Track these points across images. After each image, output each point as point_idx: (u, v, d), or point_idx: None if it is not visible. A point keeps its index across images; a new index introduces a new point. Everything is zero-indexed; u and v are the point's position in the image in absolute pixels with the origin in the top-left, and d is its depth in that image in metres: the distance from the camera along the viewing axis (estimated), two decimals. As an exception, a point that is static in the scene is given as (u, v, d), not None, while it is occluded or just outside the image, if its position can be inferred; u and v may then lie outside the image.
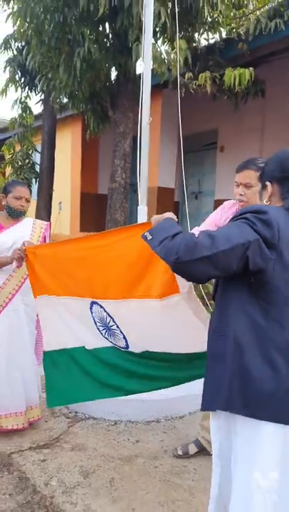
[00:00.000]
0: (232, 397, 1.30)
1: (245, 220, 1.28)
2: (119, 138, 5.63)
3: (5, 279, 2.70)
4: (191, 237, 1.28)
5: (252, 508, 1.28)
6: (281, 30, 4.73)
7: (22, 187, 2.80)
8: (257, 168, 2.19)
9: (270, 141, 8.46)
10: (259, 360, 1.27)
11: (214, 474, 1.51)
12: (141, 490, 2.31)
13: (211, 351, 1.44)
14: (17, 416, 2.75)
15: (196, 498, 2.25)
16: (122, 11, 4.60)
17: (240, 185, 2.27)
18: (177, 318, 2.06)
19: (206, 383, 1.44)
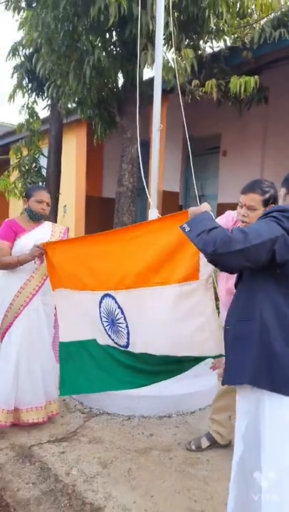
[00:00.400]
0: (258, 372, 1.45)
1: (273, 218, 1.43)
2: (126, 143, 5.76)
3: (26, 280, 2.83)
4: (226, 233, 1.45)
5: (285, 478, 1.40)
6: (285, 39, 4.88)
7: (43, 191, 2.94)
8: (262, 192, 2.26)
9: (272, 147, 8.61)
10: (282, 343, 1.41)
11: (236, 453, 1.63)
12: (157, 479, 2.43)
13: (234, 333, 1.58)
14: (37, 410, 2.87)
15: (210, 486, 2.38)
16: (131, 21, 4.75)
17: (243, 207, 2.31)
18: (189, 306, 2.10)
19: (229, 361, 1.59)
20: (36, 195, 2.86)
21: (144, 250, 2.20)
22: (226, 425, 2.77)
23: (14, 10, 5.64)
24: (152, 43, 5.03)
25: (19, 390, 2.84)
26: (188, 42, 5.45)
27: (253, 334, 1.47)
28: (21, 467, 2.56)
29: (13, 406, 2.83)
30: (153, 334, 2.25)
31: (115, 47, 5.36)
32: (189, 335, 2.14)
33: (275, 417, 1.45)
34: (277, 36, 4.88)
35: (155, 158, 3.78)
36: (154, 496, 2.28)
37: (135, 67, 5.48)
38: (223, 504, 2.18)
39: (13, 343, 2.84)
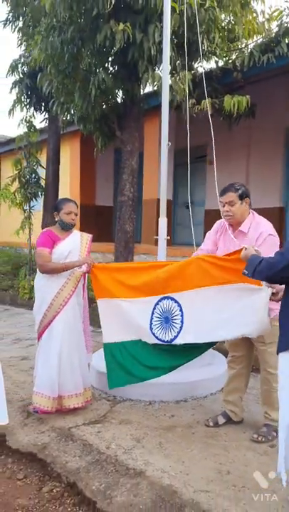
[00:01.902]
0: None
1: None
2: (126, 156, 6.20)
3: (64, 283, 3.22)
4: (268, 259, 2.02)
5: None
6: (272, 62, 5.43)
7: (71, 203, 3.34)
8: (235, 190, 2.94)
9: (256, 156, 9.18)
10: None
11: (284, 400, 2.07)
12: (185, 449, 2.85)
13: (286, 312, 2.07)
14: (77, 396, 3.26)
15: (230, 453, 2.81)
16: (133, 45, 5.19)
17: (225, 204, 2.96)
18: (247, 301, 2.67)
19: (283, 333, 2.06)
20: (65, 207, 3.27)
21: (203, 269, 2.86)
22: (239, 405, 3.21)
23: (24, 36, 6.02)
24: (152, 66, 5.52)
25: (62, 379, 3.22)
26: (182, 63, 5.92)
27: None
28: (65, 445, 2.94)
29: (57, 393, 3.20)
30: (203, 326, 2.77)
31: (118, 68, 5.79)
32: (237, 322, 2.68)
33: None
34: (265, 60, 5.42)
35: (163, 171, 4.19)
36: (185, 462, 2.69)
37: (134, 85, 5.97)
38: (244, 465, 2.65)
39: (55, 337, 3.21)
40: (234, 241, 2.96)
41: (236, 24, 5.84)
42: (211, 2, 5.08)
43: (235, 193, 2.92)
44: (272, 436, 2.93)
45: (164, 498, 2.35)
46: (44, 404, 3.21)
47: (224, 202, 2.96)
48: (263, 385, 3.03)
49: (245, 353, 3.12)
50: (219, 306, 2.77)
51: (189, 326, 2.86)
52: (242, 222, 2.96)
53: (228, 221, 3.01)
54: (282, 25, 5.55)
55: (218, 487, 2.43)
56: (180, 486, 2.43)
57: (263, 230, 2.86)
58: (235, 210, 2.92)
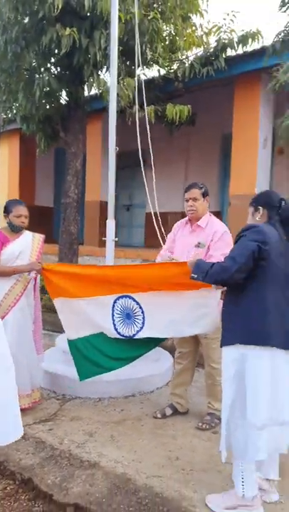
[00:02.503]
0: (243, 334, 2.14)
1: (245, 236, 2.12)
2: (71, 157, 6.26)
3: (13, 283, 3.23)
4: (221, 264, 2.19)
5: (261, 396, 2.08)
6: (211, 75, 5.76)
7: (21, 206, 3.35)
8: (200, 188, 3.22)
9: (194, 162, 9.59)
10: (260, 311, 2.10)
11: (228, 390, 2.23)
12: (136, 439, 3.01)
13: (229, 308, 2.27)
14: (23, 397, 3.28)
15: (178, 441, 3.01)
16: (79, 50, 5.27)
17: (189, 200, 3.22)
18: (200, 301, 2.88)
19: (226, 328, 2.26)
20: (15, 211, 3.27)
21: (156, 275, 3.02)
22: (184, 397, 3.43)
23: None
24: (97, 71, 5.64)
25: (33, 376, 3.27)
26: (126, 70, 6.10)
27: (240, 310, 2.18)
28: (17, 443, 2.95)
29: (30, 390, 3.25)
30: (162, 325, 2.97)
31: (63, 70, 5.83)
32: (194, 321, 2.89)
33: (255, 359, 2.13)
34: (205, 73, 5.74)
35: (111, 175, 4.32)
36: (136, 451, 2.85)
37: (79, 88, 6.05)
38: (191, 451, 2.87)
39: (1, 338, 3.22)
40: (192, 234, 3.23)
41: (177, 36, 6.13)
42: (155, 14, 5.30)
43: (199, 190, 3.20)
44: (215, 424, 3.17)
45: (118, 485, 2.48)
46: None
47: (189, 197, 3.21)
48: (207, 379, 3.27)
49: (192, 349, 3.35)
50: (176, 306, 2.95)
51: (151, 321, 3.01)
52: (200, 219, 3.22)
53: (190, 215, 3.26)
54: (221, 41, 5.91)
55: (168, 472, 2.61)
56: (133, 474, 2.58)
57: (218, 228, 3.13)
58: (198, 206, 3.19)
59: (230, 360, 2.24)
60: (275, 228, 2.22)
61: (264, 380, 2.09)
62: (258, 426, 2.09)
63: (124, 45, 5.66)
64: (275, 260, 2.14)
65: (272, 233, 2.18)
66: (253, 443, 2.12)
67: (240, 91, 6.55)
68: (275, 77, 4.55)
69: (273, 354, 2.11)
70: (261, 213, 2.32)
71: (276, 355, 2.11)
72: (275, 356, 2.11)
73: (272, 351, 2.10)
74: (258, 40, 5.73)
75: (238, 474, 2.22)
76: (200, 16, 6.28)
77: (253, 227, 2.19)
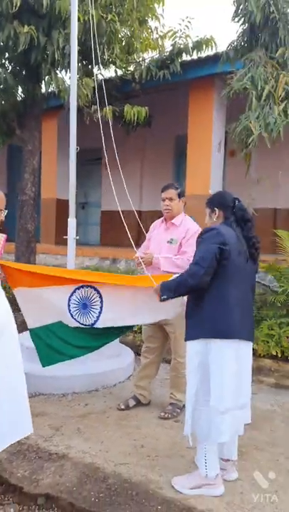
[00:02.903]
0: (208, 329, 2.28)
1: (205, 240, 2.30)
2: (28, 155, 6.22)
3: None
4: (188, 272, 2.32)
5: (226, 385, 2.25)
6: (167, 78, 5.95)
7: None
8: (175, 188, 3.41)
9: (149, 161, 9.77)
10: (223, 307, 2.26)
11: (192, 380, 2.38)
12: (102, 431, 3.11)
13: (193, 305, 2.39)
14: None
15: (142, 430, 3.15)
16: (37, 48, 5.26)
17: (166, 200, 3.40)
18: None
19: (190, 325, 2.38)
20: None
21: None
22: (148, 389, 3.58)
23: None
24: (55, 69, 5.65)
25: None
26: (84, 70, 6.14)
27: (204, 305, 2.32)
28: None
29: None
30: (122, 312, 3.04)
31: (19, 67, 5.79)
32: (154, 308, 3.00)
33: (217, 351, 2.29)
34: (161, 76, 5.92)
35: (72, 173, 4.36)
36: (103, 442, 2.95)
37: (36, 86, 6.02)
38: (155, 439, 3.02)
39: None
40: (166, 231, 3.42)
41: (134, 38, 6.25)
42: (112, 16, 5.39)
43: (175, 191, 3.37)
44: (176, 413, 3.35)
45: (88, 474, 2.58)
46: None
47: (165, 197, 3.38)
48: (172, 371, 3.44)
49: (159, 344, 3.51)
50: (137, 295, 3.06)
51: (108, 312, 3.08)
52: (175, 217, 3.39)
53: (166, 214, 3.44)
54: (176, 45, 6.10)
55: (135, 459, 2.74)
56: (102, 462, 2.69)
57: (190, 227, 3.32)
58: (173, 206, 3.37)
59: (194, 352, 2.39)
60: (232, 228, 2.39)
61: (229, 369, 2.27)
62: (221, 411, 2.27)
63: (81, 45, 5.69)
64: (235, 259, 2.31)
65: (229, 233, 2.34)
66: (216, 427, 2.29)
67: (194, 95, 6.79)
68: (229, 85, 4.78)
69: (238, 345, 2.29)
70: (217, 214, 2.48)
71: (240, 345, 2.30)
72: (239, 347, 2.30)
73: (237, 343, 2.29)
74: (212, 47, 5.97)
75: (202, 456, 2.39)
76: (156, 19, 6.44)
77: (211, 230, 2.34)
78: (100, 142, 5.55)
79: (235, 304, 2.31)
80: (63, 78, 5.86)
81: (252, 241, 2.40)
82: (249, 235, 2.40)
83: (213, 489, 2.37)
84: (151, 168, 9.70)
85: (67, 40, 4.91)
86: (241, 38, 5.06)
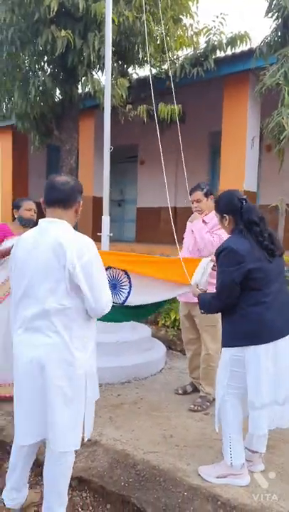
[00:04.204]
0: (243, 338, 2.33)
1: (222, 262, 2.34)
2: (65, 155, 6.43)
3: (7, 276, 3.37)
4: (213, 302, 2.43)
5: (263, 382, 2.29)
6: (201, 75, 5.97)
7: (30, 201, 3.56)
8: (201, 189, 3.51)
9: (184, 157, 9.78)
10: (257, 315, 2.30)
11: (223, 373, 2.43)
12: (133, 420, 3.23)
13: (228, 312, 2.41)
14: (10, 386, 3.37)
15: (172, 421, 3.24)
16: (73, 51, 5.44)
17: (194, 202, 3.52)
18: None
19: (225, 332, 2.44)
20: (25, 205, 3.47)
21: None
22: None
23: None
24: (91, 71, 5.81)
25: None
26: (119, 70, 6.28)
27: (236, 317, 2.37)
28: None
29: None
30: (149, 293, 3.22)
31: (57, 70, 5.99)
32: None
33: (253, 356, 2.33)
34: (195, 73, 5.95)
35: (106, 172, 4.49)
36: (134, 431, 3.07)
37: (73, 88, 6.22)
38: (185, 430, 3.10)
39: None
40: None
41: (168, 37, 6.31)
42: (147, 16, 5.48)
43: (201, 192, 3.47)
44: (206, 406, 3.42)
45: (118, 460, 2.71)
46: None
47: (193, 200, 3.50)
48: (202, 363, 3.52)
49: (198, 336, 3.59)
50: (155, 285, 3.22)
51: (136, 293, 3.22)
52: (206, 215, 3.50)
53: (199, 213, 3.56)
54: (210, 42, 6.12)
55: (163, 448, 2.84)
56: (131, 450, 2.80)
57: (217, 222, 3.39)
58: (202, 206, 3.49)
59: (228, 354, 2.43)
60: (243, 236, 2.35)
61: (265, 367, 2.29)
62: (257, 406, 2.31)
63: (116, 46, 5.84)
64: (258, 266, 2.29)
65: (244, 245, 2.30)
66: (252, 421, 2.34)
67: (228, 91, 6.77)
68: (261, 81, 4.76)
69: (274, 343, 2.31)
70: (228, 220, 2.46)
71: (277, 343, 2.32)
72: (276, 345, 2.32)
73: (273, 342, 2.31)
74: (246, 42, 5.94)
75: (227, 446, 2.45)
76: (190, 17, 6.47)
77: (224, 249, 2.33)
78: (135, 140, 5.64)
79: (268, 307, 2.30)
80: (99, 79, 6.03)
81: (264, 243, 2.33)
82: (259, 239, 2.33)
83: (238, 479, 2.43)
84: (187, 164, 9.70)
85: (103, 42, 5.05)
86: (275, 34, 5.02)
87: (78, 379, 2.05)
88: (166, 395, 3.74)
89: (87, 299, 1.99)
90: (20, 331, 2.08)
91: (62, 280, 1.96)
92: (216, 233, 3.34)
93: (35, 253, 2.02)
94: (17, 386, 2.13)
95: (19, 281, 2.07)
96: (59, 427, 2.02)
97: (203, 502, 2.31)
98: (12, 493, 2.30)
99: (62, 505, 2.15)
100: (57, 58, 5.76)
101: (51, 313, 1.98)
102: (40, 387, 2.01)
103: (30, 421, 2.07)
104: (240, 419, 2.46)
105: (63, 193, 2.12)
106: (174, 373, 4.27)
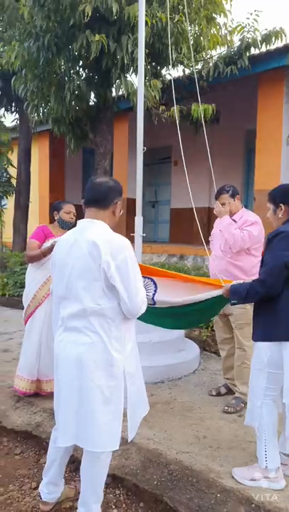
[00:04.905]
0: (283, 332, 2.29)
1: (274, 246, 2.30)
2: (100, 157, 6.52)
3: (48, 276, 3.47)
4: (258, 280, 2.35)
5: None
6: (235, 74, 5.91)
7: (70, 204, 3.64)
8: (226, 191, 3.53)
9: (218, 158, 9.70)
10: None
11: (260, 376, 2.40)
12: (166, 421, 3.24)
13: (264, 305, 2.38)
14: (27, 382, 3.50)
15: (205, 422, 3.22)
16: (107, 54, 5.51)
17: (222, 205, 3.53)
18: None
19: (260, 325, 2.39)
20: (65, 207, 3.55)
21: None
22: None
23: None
24: (124, 73, 5.86)
25: (41, 364, 3.47)
26: (152, 72, 6.30)
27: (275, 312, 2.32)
28: (58, 422, 3.25)
29: (36, 377, 3.48)
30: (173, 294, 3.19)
31: (91, 74, 6.09)
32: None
33: None
34: (229, 72, 5.89)
35: (139, 172, 4.51)
36: (166, 430, 3.08)
37: (107, 91, 6.29)
38: (218, 431, 3.07)
39: (36, 326, 3.48)
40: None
41: (202, 36, 6.28)
42: (180, 17, 5.48)
43: (227, 194, 3.51)
44: (240, 407, 3.38)
45: (151, 459, 2.72)
46: (23, 386, 3.50)
47: (220, 202, 3.51)
48: (236, 361, 3.49)
49: (232, 335, 3.57)
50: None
51: (161, 291, 3.21)
52: (235, 214, 3.52)
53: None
54: (244, 40, 6.04)
55: (196, 448, 2.83)
56: (164, 449, 2.81)
57: (247, 218, 3.44)
58: (231, 206, 3.52)
59: (263, 351, 2.39)
60: None
61: None
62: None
63: (149, 48, 5.87)
64: None
65: None
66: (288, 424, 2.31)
67: (263, 88, 6.66)
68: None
69: None
70: (283, 209, 2.43)
71: None
72: None
73: None
74: (282, 39, 5.83)
75: (262, 449, 2.42)
76: (224, 16, 6.42)
77: (280, 233, 2.31)
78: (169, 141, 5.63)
79: None
80: (132, 81, 6.08)
81: None
82: None
83: (273, 483, 2.39)
84: (221, 164, 9.63)
85: (136, 44, 5.09)
86: (312, 28, 4.89)
87: (117, 379, 2.06)
88: (199, 396, 3.72)
89: (122, 299, 2.00)
90: (60, 330, 2.13)
91: (99, 280, 1.98)
92: (246, 229, 3.33)
93: (73, 253, 2.06)
94: (56, 386, 2.17)
95: (59, 281, 2.12)
96: (97, 427, 2.04)
97: (237, 504, 2.28)
98: (49, 487, 2.35)
99: (97, 502, 2.19)
100: (91, 62, 5.86)
101: (89, 313, 2.01)
102: (79, 387, 2.04)
103: (69, 423, 2.09)
104: (275, 423, 2.43)
105: (99, 193, 2.14)
106: (207, 374, 4.25)
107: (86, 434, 2.06)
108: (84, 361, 2.01)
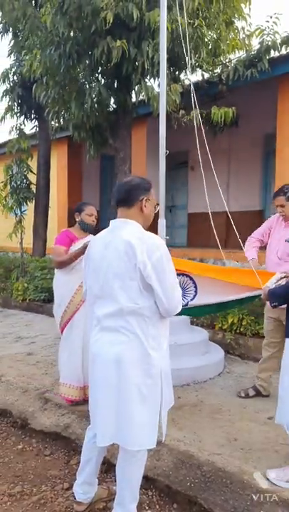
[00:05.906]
0: None
1: None
2: (120, 162, 6.57)
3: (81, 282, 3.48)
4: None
5: None
6: (255, 77, 5.91)
7: (92, 206, 3.63)
8: (284, 193, 3.44)
9: (235, 161, 9.70)
10: None
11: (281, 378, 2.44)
12: (195, 422, 3.22)
13: None
14: (76, 389, 3.50)
15: (235, 424, 3.20)
16: (128, 60, 5.56)
17: (278, 207, 3.51)
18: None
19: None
20: (87, 209, 3.56)
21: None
22: (268, 381, 3.66)
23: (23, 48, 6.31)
24: (144, 78, 5.91)
25: (85, 370, 3.39)
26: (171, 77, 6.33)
27: None
28: (87, 424, 3.18)
29: (83, 383, 3.46)
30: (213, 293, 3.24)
31: (111, 80, 6.15)
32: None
33: None
34: (249, 75, 5.90)
35: (162, 176, 4.54)
36: (196, 432, 3.06)
37: (127, 96, 6.35)
38: (248, 433, 3.04)
39: (77, 332, 3.45)
40: (285, 230, 3.52)
41: (221, 40, 6.31)
42: (199, 21, 5.51)
43: (283, 196, 3.44)
44: (269, 410, 3.34)
45: (183, 460, 2.71)
46: (72, 394, 3.48)
47: (276, 205, 3.50)
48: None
49: (280, 340, 3.52)
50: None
51: (201, 292, 3.23)
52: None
53: (283, 217, 3.56)
54: (264, 43, 6.05)
55: (228, 450, 2.81)
56: (195, 451, 2.79)
57: None
58: (286, 210, 3.48)
59: None
60: None
61: None
62: None
63: (169, 53, 5.90)
64: None
65: None
66: None
67: (283, 91, 6.64)
68: None
69: None
70: None
71: None
72: None
73: None
74: (302, 41, 5.82)
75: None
76: (243, 19, 6.44)
77: None
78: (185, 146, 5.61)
79: None
80: (152, 86, 6.12)
81: None
82: None
83: (309, 485, 2.36)
84: (239, 168, 9.62)
85: (156, 49, 5.13)
86: None
87: (154, 377, 2.06)
88: (226, 398, 3.70)
89: (159, 298, 2.00)
90: (96, 330, 2.15)
91: (135, 279, 1.99)
92: None
93: (108, 253, 2.07)
94: (93, 386, 2.18)
95: (94, 282, 2.14)
96: (135, 425, 2.04)
97: (274, 506, 2.26)
98: (84, 487, 2.36)
99: (133, 501, 2.18)
100: (111, 68, 5.92)
101: (126, 312, 2.02)
102: (116, 386, 2.04)
103: (108, 422, 2.09)
104: None
105: (122, 192, 2.17)
106: (233, 377, 4.22)
107: (123, 432, 2.07)
108: (122, 360, 2.02)
